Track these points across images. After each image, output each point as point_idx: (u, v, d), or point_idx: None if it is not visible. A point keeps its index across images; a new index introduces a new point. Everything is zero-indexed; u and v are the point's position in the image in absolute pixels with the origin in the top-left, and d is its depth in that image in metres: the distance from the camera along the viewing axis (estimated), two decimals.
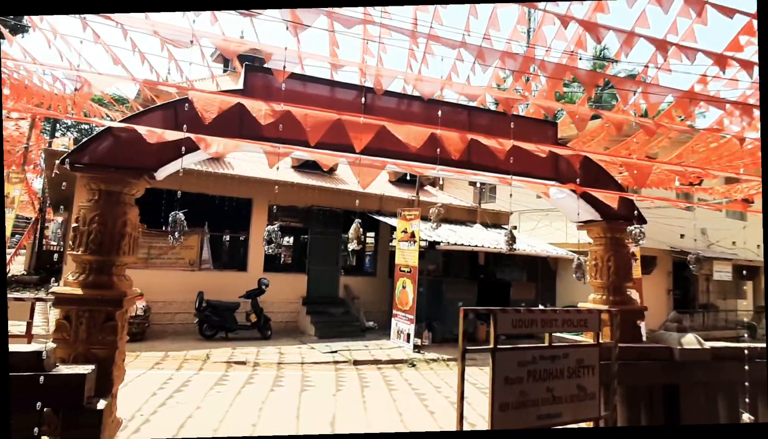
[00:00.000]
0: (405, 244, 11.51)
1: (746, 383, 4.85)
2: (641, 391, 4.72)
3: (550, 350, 4.02)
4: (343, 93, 4.42)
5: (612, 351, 4.37)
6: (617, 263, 5.15)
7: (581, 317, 4.25)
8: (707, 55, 4.77)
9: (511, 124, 4.12)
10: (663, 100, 4.51)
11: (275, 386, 7.58)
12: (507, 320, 3.83)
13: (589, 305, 5.34)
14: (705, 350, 4.76)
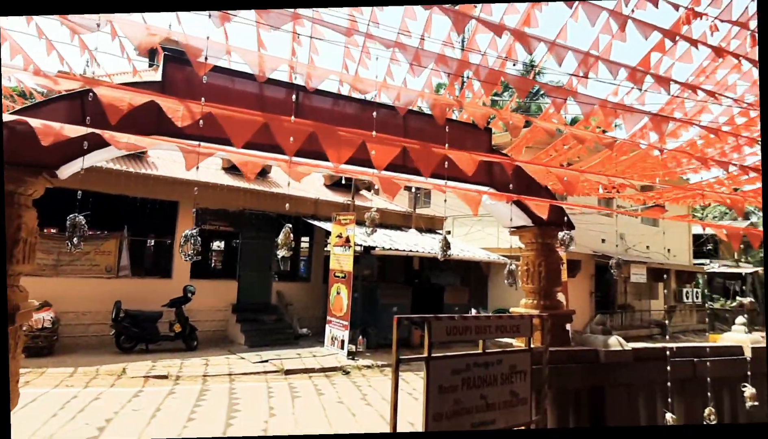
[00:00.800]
0: (340, 249, 11.31)
1: (667, 381, 5.08)
2: (569, 394, 4.81)
3: (484, 356, 3.98)
4: (273, 90, 4.18)
5: (543, 355, 4.41)
6: (548, 268, 5.25)
7: (514, 323, 4.26)
8: (627, 69, 5.00)
9: (446, 129, 4.06)
10: (590, 109, 4.64)
11: (199, 401, 7.11)
12: (441, 327, 3.74)
13: (520, 309, 5.41)
14: (628, 351, 4.93)
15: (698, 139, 7.42)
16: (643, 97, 6.59)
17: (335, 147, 3.28)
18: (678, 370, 5.32)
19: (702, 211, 28.75)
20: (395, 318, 3.61)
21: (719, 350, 5.66)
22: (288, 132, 3.21)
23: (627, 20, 4.87)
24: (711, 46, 5.41)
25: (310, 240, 14.58)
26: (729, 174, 7.63)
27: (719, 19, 5.76)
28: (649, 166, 7.88)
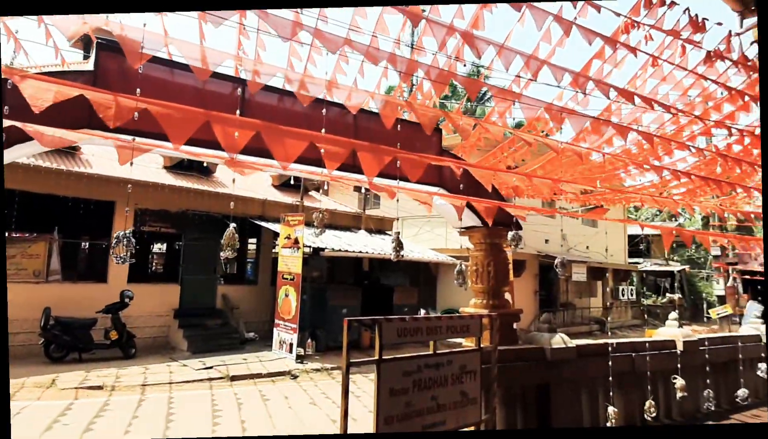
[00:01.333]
0: (288, 250, 11.07)
1: (608, 376, 5.28)
2: (517, 391, 4.89)
3: (435, 357, 3.97)
4: (217, 85, 3.98)
5: (492, 355, 4.46)
6: (496, 268, 5.32)
7: (464, 323, 4.28)
8: (570, 73, 5.15)
9: (398, 127, 4.02)
10: (536, 112, 4.74)
11: (136, 412, 6.72)
12: (392, 329, 3.69)
13: (470, 309, 5.45)
14: (572, 348, 5.08)
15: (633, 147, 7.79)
16: (585, 103, 6.83)
17: (282, 146, 3.16)
18: (618, 364, 5.54)
19: (635, 213, 30.37)
20: (345, 321, 3.52)
21: (655, 344, 5.94)
22: (232, 129, 3.05)
23: (571, 25, 5.02)
24: (647, 53, 5.67)
25: (258, 242, 14.20)
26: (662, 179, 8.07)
27: (655, 27, 6.06)
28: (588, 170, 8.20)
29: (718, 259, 16.91)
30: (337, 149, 3.29)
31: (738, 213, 7.77)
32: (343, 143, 3.43)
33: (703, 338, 6.33)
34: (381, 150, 3.54)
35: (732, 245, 15.98)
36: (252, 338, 12.17)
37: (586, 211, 11.91)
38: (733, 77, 6.85)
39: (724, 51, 6.61)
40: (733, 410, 6.34)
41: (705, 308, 23.44)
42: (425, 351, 3.97)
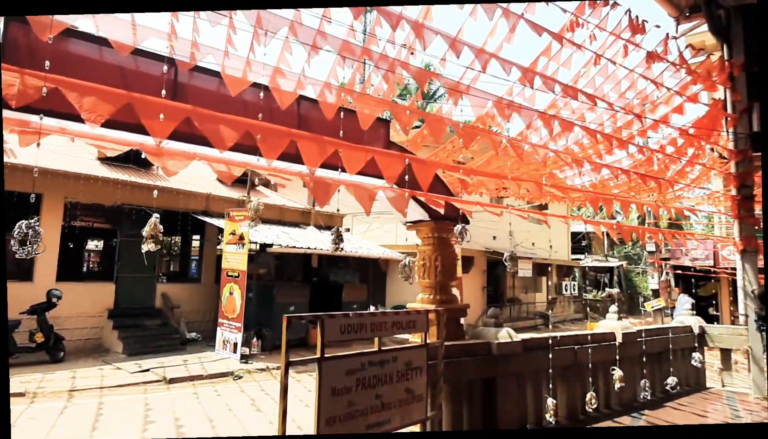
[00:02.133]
0: (233, 247, 10.67)
1: (551, 369, 5.33)
2: (463, 386, 4.85)
3: (380, 354, 3.84)
4: (145, 64, 3.66)
5: (438, 350, 4.38)
6: (444, 263, 5.25)
7: (410, 319, 4.17)
8: (519, 68, 5.17)
9: (341, 116, 3.85)
10: (485, 107, 4.71)
11: (58, 420, 6.22)
12: (335, 326, 3.53)
13: (417, 305, 5.36)
14: (517, 342, 5.09)
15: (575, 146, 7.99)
16: (533, 100, 6.92)
17: (216, 133, 2.93)
18: (561, 357, 5.62)
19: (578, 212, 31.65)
20: (285, 318, 3.32)
21: (596, 337, 6.07)
22: (158, 113, 2.78)
23: (519, 19, 5.03)
24: (591, 50, 5.78)
25: (202, 238, 13.64)
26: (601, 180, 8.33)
27: (599, 27, 6.20)
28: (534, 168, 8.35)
29: (653, 255, 17.80)
30: (276, 139, 3.09)
31: (673, 210, 8.12)
32: (282, 132, 3.24)
33: (640, 330, 6.54)
34: (322, 140, 3.36)
35: (666, 241, 16.86)
36: (194, 339, 11.66)
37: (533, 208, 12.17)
38: (667, 80, 7.14)
39: (661, 53, 6.86)
40: (666, 398, 6.59)
41: (641, 301, 24.69)
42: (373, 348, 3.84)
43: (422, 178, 3.84)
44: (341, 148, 3.37)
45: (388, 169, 3.68)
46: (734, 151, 7.35)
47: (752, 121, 7.19)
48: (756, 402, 6.64)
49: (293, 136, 3.23)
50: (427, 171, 3.86)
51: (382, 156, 3.65)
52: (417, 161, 3.89)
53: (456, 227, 4.02)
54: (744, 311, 7.10)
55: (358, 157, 3.52)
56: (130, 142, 3.10)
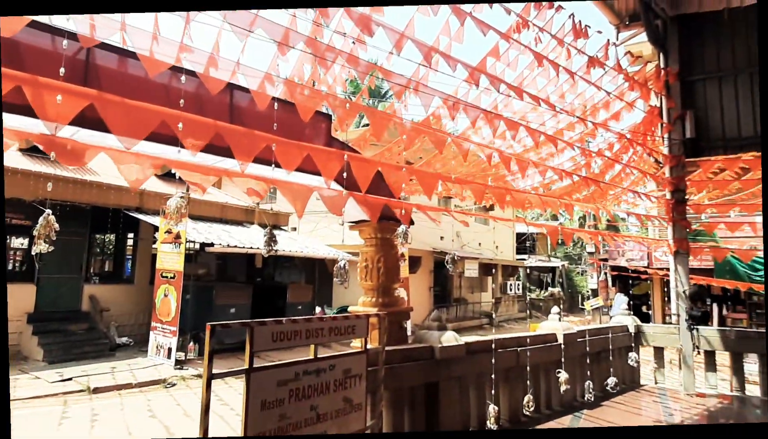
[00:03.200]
0: (168, 246, 10.06)
1: (494, 371, 5.26)
2: (405, 393, 4.69)
3: (316, 362, 3.60)
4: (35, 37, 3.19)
5: (379, 356, 4.20)
6: (387, 264, 5.07)
7: (349, 324, 3.95)
8: (465, 66, 5.07)
9: (276, 108, 3.58)
10: (430, 102, 4.57)
11: None
12: (266, 333, 3.26)
13: (359, 308, 5.16)
14: (461, 346, 4.98)
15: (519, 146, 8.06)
16: (478, 101, 6.88)
17: (124, 123, 2.59)
18: (504, 360, 5.58)
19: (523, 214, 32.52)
20: (208, 326, 3.03)
21: (538, 338, 6.09)
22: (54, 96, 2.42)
23: (467, 17, 4.93)
24: (535, 52, 5.78)
25: (135, 236, 12.84)
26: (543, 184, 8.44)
27: (543, 30, 6.22)
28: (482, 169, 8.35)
29: (593, 255, 18.46)
30: (199, 130, 2.80)
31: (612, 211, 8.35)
32: (207, 124, 2.94)
33: (582, 330, 6.63)
34: (253, 134, 3.09)
35: (604, 242, 17.52)
36: (125, 344, 10.94)
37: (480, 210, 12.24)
38: (606, 85, 7.31)
39: (602, 58, 6.99)
40: (604, 396, 6.72)
41: (581, 300, 25.63)
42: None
43: (362, 177, 3.63)
44: (275, 143, 3.11)
45: (327, 167, 3.45)
46: (669, 156, 7.61)
47: (685, 127, 7.46)
48: (686, 398, 6.89)
49: (220, 128, 2.94)
50: (368, 170, 3.66)
51: (319, 152, 3.41)
52: (357, 159, 3.68)
53: (399, 229, 3.83)
54: (676, 311, 7.36)
55: (293, 153, 3.27)
56: (24, 133, 2.68)
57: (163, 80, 3.64)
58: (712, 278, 12.33)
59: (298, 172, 4.16)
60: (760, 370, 7.17)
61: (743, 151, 7.42)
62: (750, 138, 7.23)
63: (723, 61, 7.47)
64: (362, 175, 3.61)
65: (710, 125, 7.47)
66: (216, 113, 3.61)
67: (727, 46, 7.43)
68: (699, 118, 7.50)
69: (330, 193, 3.52)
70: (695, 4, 7.42)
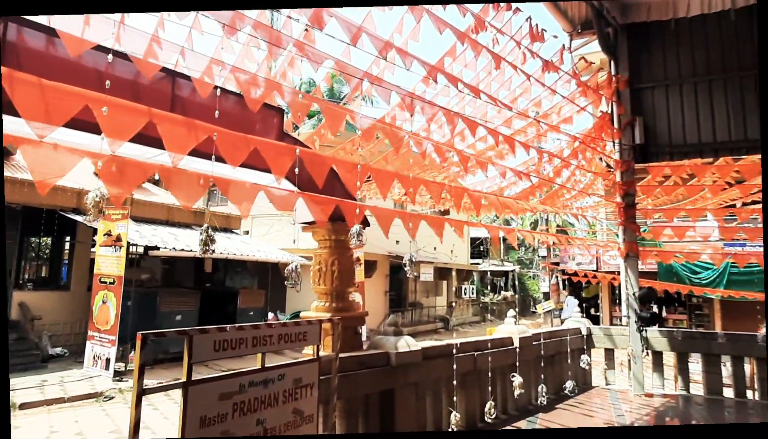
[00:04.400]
0: (107, 249, 9.42)
1: (450, 377, 5.13)
2: (360, 401, 4.47)
3: (263, 373, 3.33)
4: None
5: (333, 364, 3.96)
6: (341, 267, 4.85)
7: (300, 330, 3.70)
8: (422, 63, 4.94)
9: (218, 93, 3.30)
10: (388, 98, 4.40)
11: None
12: (207, 342, 2.97)
13: (311, 313, 4.91)
14: (417, 351, 4.82)
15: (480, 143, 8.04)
16: (436, 100, 6.79)
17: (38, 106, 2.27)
18: (461, 365, 5.46)
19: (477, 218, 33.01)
20: (139, 336, 2.71)
21: (494, 342, 6.02)
22: None
23: (423, 12, 4.80)
24: (492, 52, 5.73)
25: (72, 239, 12.00)
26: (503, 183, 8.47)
27: (501, 31, 6.20)
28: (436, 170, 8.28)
29: (544, 259, 18.85)
30: (126, 116, 2.50)
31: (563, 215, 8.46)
32: (136, 110, 2.64)
33: (537, 333, 6.62)
34: (192, 124, 2.80)
35: (555, 247, 17.93)
36: (59, 355, 10.16)
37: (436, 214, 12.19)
38: (559, 89, 7.39)
39: (557, 62, 7.06)
40: (558, 399, 6.74)
41: (533, 303, 26.17)
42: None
43: (316, 173, 3.41)
44: (216, 133, 2.83)
45: (277, 163, 3.20)
46: (619, 161, 7.78)
47: (635, 134, 7.64)
48: (635, 399, 7.01)
49: (154, 116, 2.64)
50: (322, 166, 3.44)
51: (267, 146, 3.15)
52: (310, 155, 3.45)
53: (352, 229, 3.62)
54: (627, 313, 7.50)
55: (238, 146, 3.00)
56: None
57: (97, 65, 3.29)
58: (655, 281, 12.79)
59: (246, 168, 3.90)
60: (703, 369, 7.41)
61: (688, 157, 7.68)
62: (694, 145, 7.48)
63: (669, 70, 7.70)
64: (316, 172, 3.38)
65: (658, 132, 7.68)
66: (156, 104, 3.30)
67: (673, 55, 7.68)
68: (647, 124, 7.70)
69: (280, 192, 3.26)
70: (644, 13, 7.63)
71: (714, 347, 7.29)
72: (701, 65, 7.53)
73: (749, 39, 7.14)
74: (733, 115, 7.28)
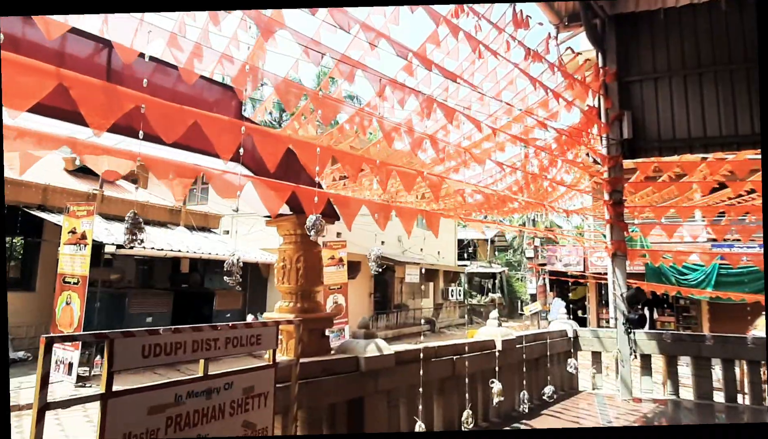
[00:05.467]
0: (72, 247, 8.93)
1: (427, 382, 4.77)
2: (324, 411, 4.08)
3: (206, 381, 2.93)
4: None
5: (292, 370, 3.57)
6: (307, 264, 4.47)
7: (252, 333, 3.30)
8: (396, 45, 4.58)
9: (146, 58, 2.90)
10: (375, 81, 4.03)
11: None
12: (133, 347, 2.56)
13: (274, 314, 4.53)
14: (389, 356, 4.45)
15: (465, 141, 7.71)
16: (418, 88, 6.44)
17: None
18: (439, 369, 5.11)
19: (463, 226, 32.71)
20: (42, 339, 2.31)
21: (475, 346, 5.67)
22: None
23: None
24: (475, 39, 5.39)
25: (39, 238, 11.45)
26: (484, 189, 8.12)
27: (484, 18, 5.86)
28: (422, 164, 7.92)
29: (531, 260, 18.60)
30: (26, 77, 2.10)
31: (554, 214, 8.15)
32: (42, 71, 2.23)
33: (520, 336, 6.29)
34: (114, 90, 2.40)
35: (543, 247, 17.68)
36: (22, 359, 9.64)
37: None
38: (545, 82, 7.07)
39: (542, 52, 6.74)
40: (543, 405, 6.41)
41: (520, 305, 25.93)
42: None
43: (268, 154, 3.02)
44: (145, 103, 2.43)
45: (220, 141, 2.80)
46: (607, 157, 7.48)
47: (623, 128, 7.35)
48: (623, 404, 6.71)
49: (64, 78, 2.23)
50: (275, 146, 3.05)
51: (209, 121, 2.75)
52: (262, 133, 3.06)
53: (309, 218, 3.23)
54: (614, 315, 7.19)
55: (174, 120, 2.60)
56: None
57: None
58: (643, 282, 12.56)
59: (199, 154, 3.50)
60: (693, 372, 7.13)
61: (677, 152, 7.40)
62: (684, 140, 7.21)
63: (659, 63, 7.43)
64: (268, 152, 2.99)
65: (646, 126, 7.40)
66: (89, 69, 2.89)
67: (662, 47, 7.40)
68: (636, 119, 7.41)
69: (227, 177, 2.87)
70: (632, 3, 7.34)
71: (704, 350, 7.01)
72: (691, 58, 7.26)
73: (740, 30, 6.88)
74: (723, 109, 7.02)
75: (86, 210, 8.85)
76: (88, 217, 8.76)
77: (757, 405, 6.77)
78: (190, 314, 11.21)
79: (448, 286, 24.42)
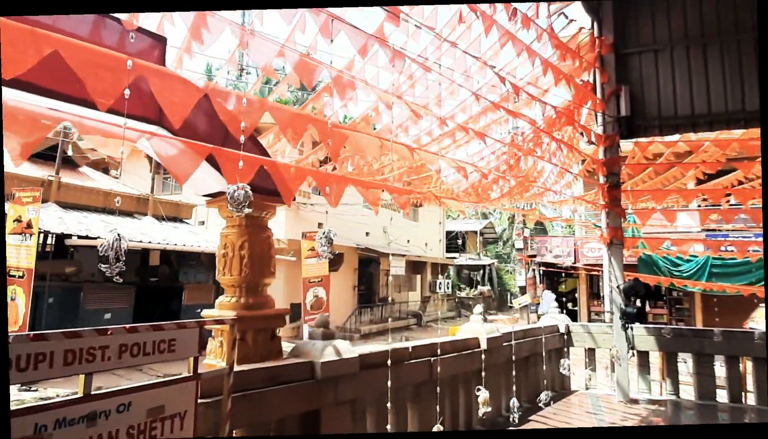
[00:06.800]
0: (17, 237, 8.12)
1: (400, 389, 4.10)
2: (270, 428, 3.38)
3: (88, 403, 2.21)
4: None
5: (225, 381, 2.86)
6: (253, 252, 3.75)
7: (164, 336, 2.57)
8: None
9: None
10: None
11: None
12: None
13: (213, 311, 3.82)
14: (352, 359, 3.74)
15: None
16: None
17: None
18: (414, 372, 4.44)
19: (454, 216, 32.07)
20: None
21: (457, 345, 5.01)
22: None
23: None
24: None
25: None
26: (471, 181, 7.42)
27: None
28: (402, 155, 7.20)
29: (521, 252, 18.03)
30: None
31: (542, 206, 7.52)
32: None
33: (508, 333, 5.64)
34: None
35: (533, 238, 17.11)
36: None
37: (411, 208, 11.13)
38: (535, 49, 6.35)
39: (532, 16, 6.03)
40: (533, 408, 5.78)
41: (510, 298, 25.42)
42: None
43: (172, 104, 2.28)
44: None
45: (97, 80, 2.05)
46: (602, 135, 6.83)
47: (620, 104, 6.70)
48: (620, 406, 6.11)
49: None
50: (183, 95, 2.31)
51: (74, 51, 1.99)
52: (158, 73, 2.32)
53: (229, 189, 2.50)
54: (610, 308, 6.57)
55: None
56: None
57: None
58: (636, 273, 12.04)
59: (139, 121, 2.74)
60: (694, 370, 6.55)
61: (679, 131, 6.78)
62: (687, 117, 6.57)
63: (659, 33, 6.77)
64: (172, 102, 2.26)
65: (646, 103, 6.75)
66: None
67: (663, 15, 6.75)
68: (634, 94, 6.76)
69: (107, 128, 2.13)
70: None
71: (706, 346, 6.42)
72: (694, 27, 6.61)
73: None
74: (730, 83, 6.39)
75: (32, 196, 8.02)
76: (34, 204, 7.93)
77: (764, 405, 6.19)
78: (155, 309, 10.44)
79: (436, 278, 23.80)
